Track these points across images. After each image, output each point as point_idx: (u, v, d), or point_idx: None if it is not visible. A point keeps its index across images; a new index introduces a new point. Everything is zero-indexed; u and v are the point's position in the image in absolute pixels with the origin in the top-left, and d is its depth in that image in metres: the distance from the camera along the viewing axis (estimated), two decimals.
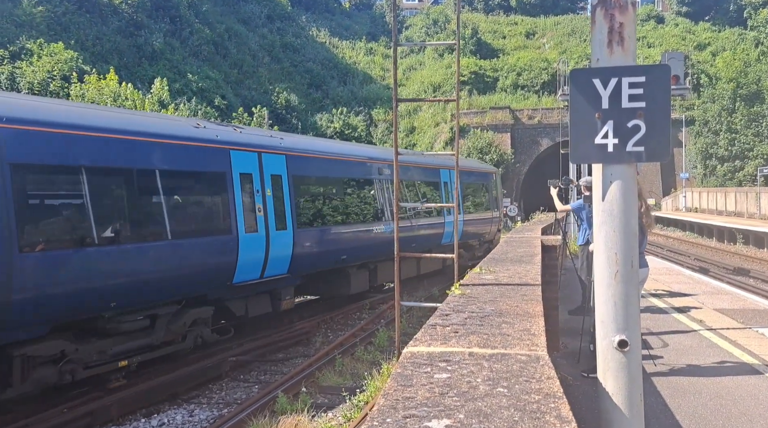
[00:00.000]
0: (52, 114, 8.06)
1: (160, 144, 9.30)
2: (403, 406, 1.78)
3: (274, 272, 11.44)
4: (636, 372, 3.17)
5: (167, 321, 9.62)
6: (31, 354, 7.65)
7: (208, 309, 10.40)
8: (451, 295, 3.82)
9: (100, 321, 8.57)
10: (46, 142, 7.66)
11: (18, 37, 37.10)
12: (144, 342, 9.27)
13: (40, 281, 7.45)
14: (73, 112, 8.69)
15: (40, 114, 7.85)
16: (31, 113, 7.70)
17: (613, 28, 3.21)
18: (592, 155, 3.26)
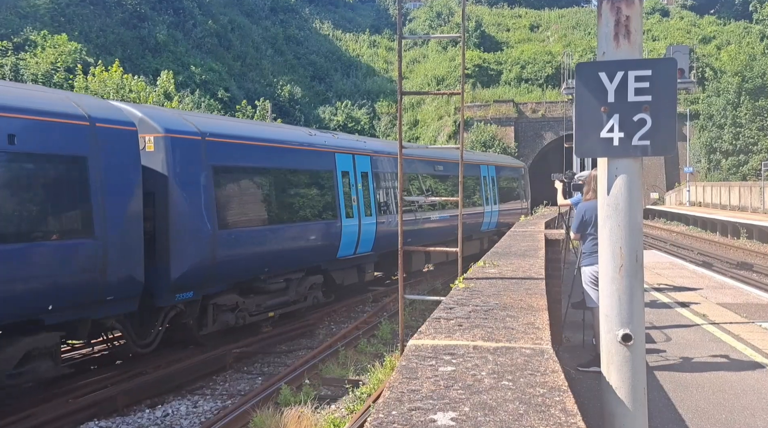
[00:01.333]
0: (228, 129, 11.22)
1: (291, 149, 12.33)
2: (409, 399, 1.79)
3: (363, 250, 14.32)
4: (640, 366, 3.17)
5: (296, 285, 12.48)
6: (219, 303, 10.59)
7: (320, 276, 13.26)
8: (455, 289, 3.82)
9: (257, 282, 11.44)
10: (229, 149, 10.63)
11: (22, 29, 37.09)
12: (282, 300, 12.18)
13: (230, 250, 10.26)
14: (240, 126, 12.48)
15: (223, 130, 10.94)
16: (220, 129, 10.86)
17: (620, 21, 3.20)
18: (598, 149, 3.25)
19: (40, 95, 8.40)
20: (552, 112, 50.84)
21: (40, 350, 7.85)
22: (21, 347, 7.60)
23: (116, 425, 7.87)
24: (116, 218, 8.40)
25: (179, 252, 9.42)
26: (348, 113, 53.08)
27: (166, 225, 9.30)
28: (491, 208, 21.73)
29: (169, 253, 9.29)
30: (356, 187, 14.03)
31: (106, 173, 8.35)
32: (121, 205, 8.56)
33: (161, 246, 9.23)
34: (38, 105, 7.85)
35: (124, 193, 8.64)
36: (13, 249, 7.22)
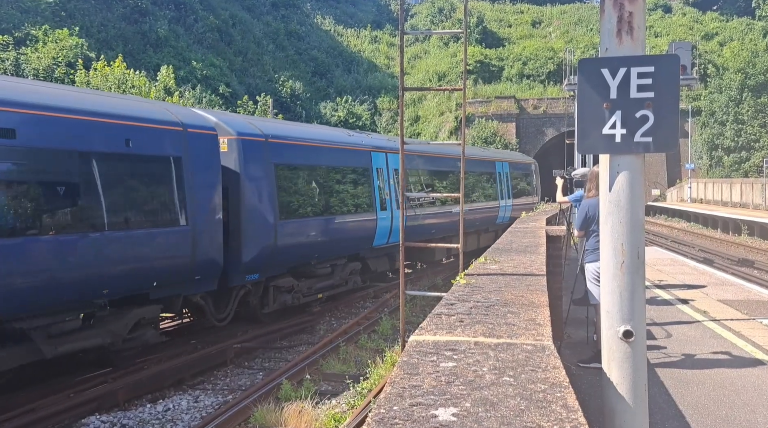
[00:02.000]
0: (285, 131, 12.65)
1: (335, 149, 13.63)
2: (410, 394, 1.79)
3: (394, 240, 15.42)
4: (640, 363, 3.18)
5: (340, 270, 13.88)
6: (278, 285, 12.05)
7: (358, 263, 14.65)
8: (456, 285, 3.82)
9: (308, 267, 12.89)
10: (286, 150, 12.02)
11: (23, 24, 37.05)
12: (328, 283, 13.62)
13: (288, 238, 11.66)
14: (294, 129, 13.87)
15: (281, 132, 12.37)
16: (279, 132, 12.28)
17: (623, 17, 3.19)
18: (600, 145, 3.25)
19: (146, 106, 10.01)
20: (553, 108, 50.78)
21: (147, 320, 9.42)
22: (133, 316, 9.10)
23: (117, 419, 7.88)
24: (203, 209, 9.87)
25: (249, 239, 10.88)
26: (349, 109, 53.03)
27: (239, 216, 10.77)
28: (505, 202, 23.10)
29: (241, 240, 10.74)
30: (389, 182, 15.47)
31: (195, 171, 9.79)
32: (206, 197, 10.00)
33: (234, 233, 10.69)
34: (145, 114, 9.30)
35: (208, 187, 10.10)
36: (130, 235, 8.68)
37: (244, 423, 7.57)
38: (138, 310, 9.14)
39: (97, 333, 8.64)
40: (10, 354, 7.66)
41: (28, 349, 7.84)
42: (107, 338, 8.74)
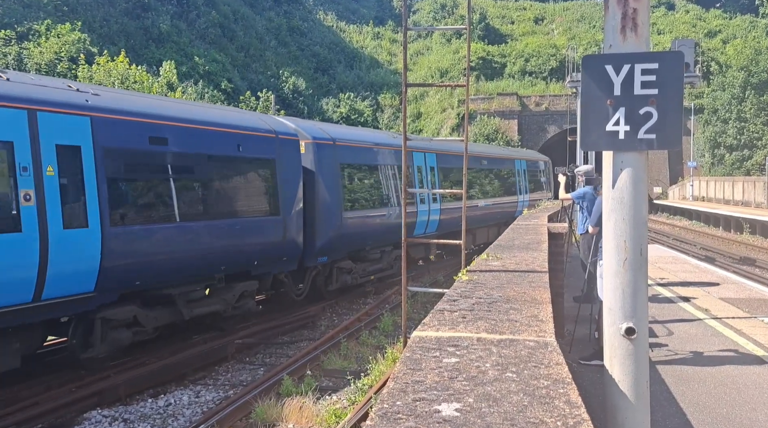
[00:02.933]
0: (348, 135, 14.63)
1: (383, 150, 15.54)
2: (413, 389, 1.79)
3: (430, 230, 17.07)
4: (642, 360, 3.18)
5: (387, 256, 15.74)
6: (340, 267, 14.05)
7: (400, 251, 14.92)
8: (459, 281, 3.83)
9: (363, 252, 14.71)
10: (349, 151, 14.01)
11: (25, 18, 37.01)
12: (378, 267, 15.54)
13: (350, 227, 13.60)
14: (353, 132, 16.52)
15: (345, 136, 14.34)
16: (343, 135, 14.25)
17: (627, 14, 3.18)
18: (603, 142, 3.24)
19: (249, 116, 12.31)
20: (556, 105, 50.67)
21: (248, 292, 11.34)
22: (239, 289, 11.05)
23: (119, 414, 7.91)
24: (289, 201, 11.85)
25: (321, 227, 12.81)
26: (351, 105, 52.96)
27: (314, 208, 12.70)
28: (523, 197, 24.80)
29: (315, 228, 12.68)
30: (426, 179, 17.26)
31: (284, 170, 11.78)
32: (292, 192, 11.97)
33: (310, 222, 12.59)
34: (249, 123, 11.42)
35: (293, 184, 12.06)
36: (242, 222, 10.73)
37: (245, 419, 7.59)
38: (242, 284, 11.15)
39: (215, 301, 10.65)
40: (161, 315, 9.63)
41: (172, 311, 9.82)
42: (221, 305, 10.71)
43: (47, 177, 7.67)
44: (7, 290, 7.21)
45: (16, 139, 7.42)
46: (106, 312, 8.68)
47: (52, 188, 7.70)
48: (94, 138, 8.30)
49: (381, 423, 1.56)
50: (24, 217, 7.35)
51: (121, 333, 8.99)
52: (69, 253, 7.84)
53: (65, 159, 7.92)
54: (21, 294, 7.42)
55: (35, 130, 7.61)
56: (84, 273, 8.10)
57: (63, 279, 7.81)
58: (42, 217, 7.54)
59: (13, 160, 7.36)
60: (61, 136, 7.92)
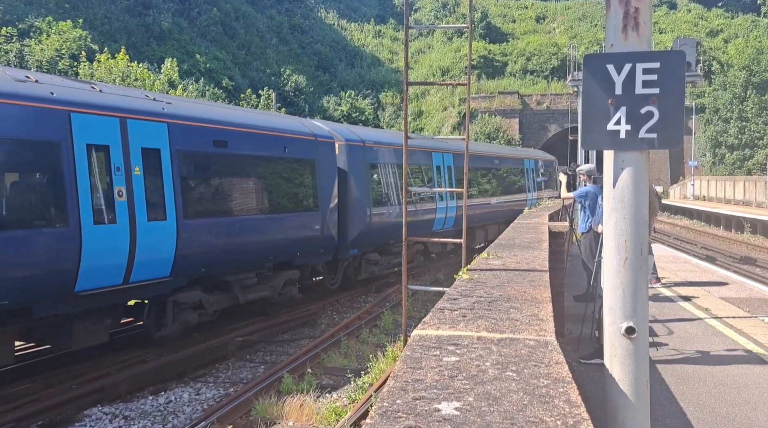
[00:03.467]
0: (375, 137, 15.83)
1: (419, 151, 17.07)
2: (413, 388, 1.79)
3: (447, 226, 18.05)
4: (643, 359, 3.18)
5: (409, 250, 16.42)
6: (368, 259, 15.19)
7: (421, 245, 17.51)
8: (459, 280, 3.83)
9: (388, 246, 15.72)
10: (377, 152, 15.14)
11: (27, 15, 37.01)
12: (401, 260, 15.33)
13: (378, 223, 14.70)
14: (380, 134, 17.30)
15: (373, 138, 15.52)
16: (371, 137, 15.44)
17: (629, 13, 3.18)
18: (604, 141, 3.24)
19: (292, 121, 13.40)
20: (557, 104, 50.65)
21: (291, 280, 12.49)
22: (284, 277, 12.22)
23: (120, 411, 7.92)
24: (326, 198, 12.93)
25: (353, 222, 13.86)
26: (352, 103, 52.95)
27: (347, 204, 13.74)
28: (532, 195, 25.80)
29: (348, 223, 13.72)
30: (444, 177, 18.26)
31: (322, 169, 12.90)
32: (328, 190, 13.05)
33: (343, 217, 13.62)
34: (293, 127, 12.56)
35: (330, 182, 13.15)
36: (287, 217, 11.95)
37: (245, 416, 7.59)
38: (286, 273, 12.29)
39: (264, 287, 11.72)
40: (220, 299, 10.76)
41: (230, 296, 10.92)
42: (270, 292, 11.83)
43: (135, 176, 8.85)
44: (105, 274, 8.35)
45: (112, 143, 8.57)
46: (177, 295, 9.83)
47: (139, 185, 8.89)
48: (170, 141, 9.45)
49: (381, 421, 1.56)
50: (118, 211, 8.52)
51: (189, 315, 10.12)
52: (152, 242, 8.97)
53: (148, 160, 9.07)
54: (115, 277, 8.53)
55: (126, 135, 8.76)
56: (162, 260, 9.25)
57: (147, 265, 8.93)
58: (131, 211, 8.70)
59: (109, 162, 8.52)
60: (145, 140, 9.06)
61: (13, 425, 7.13)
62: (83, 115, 8.21)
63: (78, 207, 7.94)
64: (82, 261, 7.94)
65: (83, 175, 8.10)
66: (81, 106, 8.26)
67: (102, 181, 8.39)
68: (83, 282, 8.05)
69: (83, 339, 8.62)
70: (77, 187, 7.97)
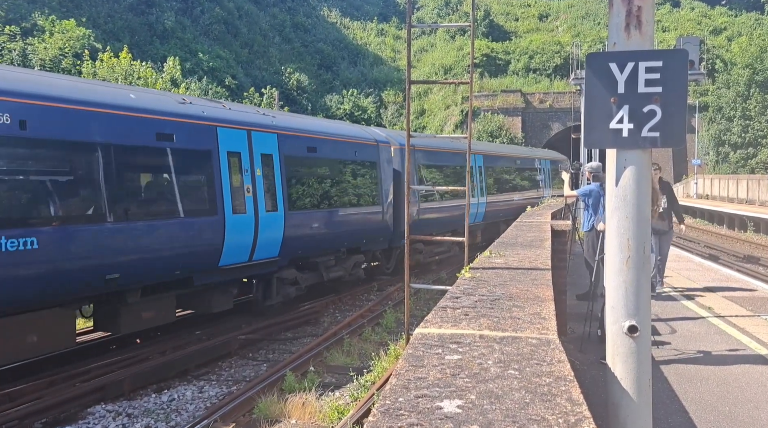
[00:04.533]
0: (423, 141, 17.87)
1: (449, 152, 18.94)
2: (415, 386, 1.80)
3: (478, 220, 20.33)
4: (645, 358, 3.18)
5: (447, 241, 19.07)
6: (415, 248, 16.32)
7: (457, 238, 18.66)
8: (461, 278, 3.83)
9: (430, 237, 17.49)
10: (425, 154, 17.45)
11: (30, 14, 37.06)
12: (441, 249, 18.69)
13: (424, 215, 16.65)
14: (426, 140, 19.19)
15: (421, 142, 17.41)
16: (421, 142, 17.29)
17: (631, 11, 3.17)
18: (607, 140, 3.24)
19: (358, 129, 16.12)
20: (560, 102, 50.55)
21: (358, 263, 14.82)
22: (353, 260, 14.58)
23: (123, 409, 7.94)
24: (386, 195, 15.41)
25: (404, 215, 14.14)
26: (355, 102, 52.93)
27: (400, 199, 15.46)
28: (548, 191, 27.99)
29: (401, 216, 15.37)
30: (476, 177, 20.47)
31: (382, 170, 15.35)
32: (386, 187, 15.44)
33: (397, 211, 15.63)
34: (359, 134, 15.04)
35: (387, 180, 15.53)
36: (359, 210, 14.28)
37: (248, 414, 7.61)
38: (355, 257, 14.64)
39: (340, 268, 13.99)
40: (310, 277, 13.19)
41: (316, 274, 13.30)
42: (344, 272, 14.12)
43: (257, 176, 11.11)
44: (238, 253, 10.59)
45: (242, 151, 10.89)
46: (281, 273, 12.13)
47: (260, 184, 11.13)
48: (279, 148, 11.80)
49: (383, 419, 1.57)
50: (247, 204, 10.77)
51: (289, 289, 12.47)
52: (268, 229, 11.27)
53: (265, 163, 11.39)
54: (244, 255, 10.80)
55: (251, 144, 11.06)
56: (274, 243, 11.52)
57: (264, 247, 11.21)
58: (255, 204, 10.95)
59: (241, 165, 10.78)
60: (263, 147, 11.40)
61: (16, 423, 7.16)
62: (224, 128, 10.48)
63: (223, 200, 10.25)
64: (225, 242, 10.25)
65: (225, 176, 10.35)
66: (222, 121, 10.51)
67: (236, 180, 10.62)
68: (225, 258, 10.37)
69: (218, 305, 10.92)
70: (222, 185, 10.26)
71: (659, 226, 9.99)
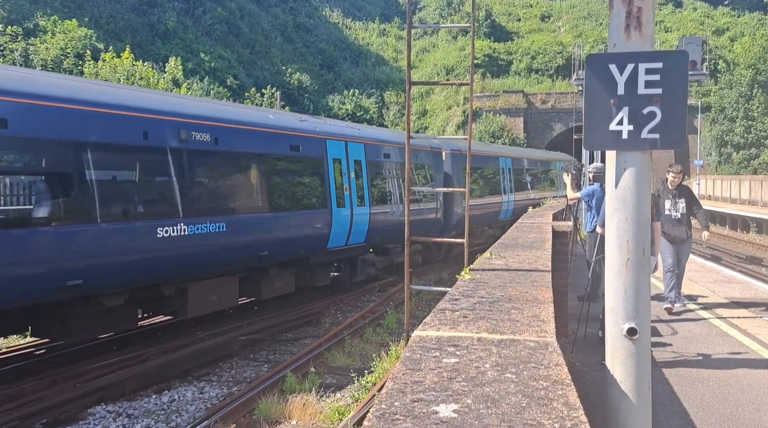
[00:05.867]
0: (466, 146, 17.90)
1: (484, 156, 21.40)
2: (411, 390, 1.79)
3: (507, 217, 22.22)
4: (644, 360, 3.17)
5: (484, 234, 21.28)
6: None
7: (491, 230, 21.86)
8: (461, 280, 3.82)
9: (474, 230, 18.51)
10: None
11: (32, 14, 37.12)
12: (480, 241, 19.64)
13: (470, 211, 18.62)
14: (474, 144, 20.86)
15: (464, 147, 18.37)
16: (463, 146, 18.30)
17: (631, 12, 3.16)
18: (606, 142, 3.23)
19: (420, 137, 19.98)
20: (562, 103, 50.48)
21: (417, 251, 17.46)
22: (415, 247, 16.07)
23: (123, 409, 7.94)
24: (439, 194, 17.33)
25: (453, 211, 18.27)
26: (356, 102, 52.93)
27: (451, 198, 18.11)
28: (561, 191, 29.83)
29: (451, 211, 18.19)
30: (506, 177, 23.08)
31: (436, 172, 17.76)
32: (439, 186, 17.21)
33: (448, 208, 18.12)
34: (419, 142, 17.49)
35: (440, 181, 17.74)
36: (418, 208, 16.07)
37: (248, 415, 7.61)
38: (415, 246, 16.14)
39: (398, 257, 16.14)
40: (384, 260, 16.08)
41: (388, 259, 16.29)
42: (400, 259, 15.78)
43: (351, 178, 13.90)
44: (338, 238, 13.36)
45: (342, 158, 13.64)
46: (364, 256, 15.13)
47: (353, 184, 13.90)
48: (365, 155, 14.54)
49: (378, 423, 1.56)
50: (346, 200, 13.59)
51: (369, 269, 15.47)
52: (358, 220, 13.98)
53: (357, 168, 14.20)
54: (342, 241, 13.53)
55: (347, 152, 13.88)
56: (362, 232, 14.20)
57: (356, 235, 13.95)
58: (350, 200, 13.76)
59: (341, 169, 13.58)
60: (355, 154, 14.17)
61: (17, 423, 7.16)
62: (331, 140, 13.37)
63: (331, 197, 13.10)
64: (332, 229, 13.06)
65: (332, 177, 13.20)
66: (329, 134, 13.47)
67: (338, 181, 13.44)
68: (331, 242, 13.18)
69: (321, 281, 13.92)
70: (330, 185, 13.11)
71: (676, 234, 9.02)
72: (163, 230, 8.99)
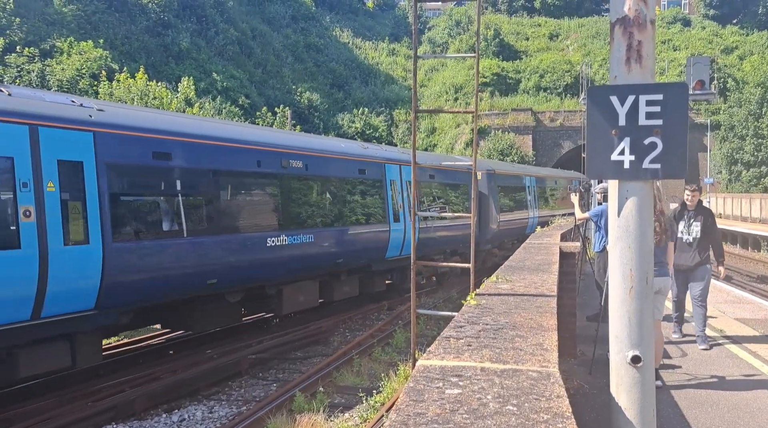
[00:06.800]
0: (499, 166, 24.15)
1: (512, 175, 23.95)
2: (414, 422, 1.85)
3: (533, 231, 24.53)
4: (649, 388, 3.20)
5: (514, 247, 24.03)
6: (492, 252, 21.20)
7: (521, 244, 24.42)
8: (467, 306, 3.87)
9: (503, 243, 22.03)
10: (502, 178, 21.92)
11: (49, 36, 37.83)
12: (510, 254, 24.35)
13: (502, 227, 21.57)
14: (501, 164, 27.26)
15: (499, 167, 23.47)
16: (498, 167, 23.22)
17: (632, 45, 3.24)
18: (608, 171, 3.29)
19: (460, 159, 22.80)
20: (570, 121, 50.58)
21: (457, 260, 17.80)
22: (453, 259, 18.29)
23: None
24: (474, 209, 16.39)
25: (488, 226, 20.05)
26: (366, 120, 53.29)
27: (488, 214, 20.05)
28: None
29: (488, 226, 20.07)
30: (534, 196, 25.36)
31: (470, 189, 18.66)
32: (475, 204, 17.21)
33: (484, 222, 19.92)
34: (464, 164, 17.29)
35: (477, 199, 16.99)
36: (458, 223, 17.60)
37: None
38: (454, 257, 18.44)
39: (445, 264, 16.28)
40: (429, 268, 17.38)
41: (432, 269, 17.62)
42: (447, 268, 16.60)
43: (405, 197, 15.91)
44: (394, 249, 15.33)
45: (396, 179, 15.80)
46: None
47: (406, 202, 15.91)
48: (401, 175, 16.09)
49: None
50: (401, 216, 15.64)
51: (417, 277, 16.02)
52: (408, 232, 15.72)
53: (395, 184, 15.75)
54: (396, 251, 15.46)
55: (401, 173, 16.01)
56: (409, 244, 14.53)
57: (407, 245, 15.58)
58: (404, 215, 15.71)
59: (395, 188, 15.61)
60: (393, 175, 15.74)
61: None
62: (388, 164, 15.45)
63: (389, 213, 15.11)
64: (389, 242, 15.05)
65: (389, 196, 15.26)
66: (386, 159, 15.51)
67: (395, 199, 15.48)
68: (389, 252, 15.12)
69: (377, 287, 15.63)
70: (388, 203, 15.13)
71: (681, 261, 8.19)
72: (271, 240, 11.10)
